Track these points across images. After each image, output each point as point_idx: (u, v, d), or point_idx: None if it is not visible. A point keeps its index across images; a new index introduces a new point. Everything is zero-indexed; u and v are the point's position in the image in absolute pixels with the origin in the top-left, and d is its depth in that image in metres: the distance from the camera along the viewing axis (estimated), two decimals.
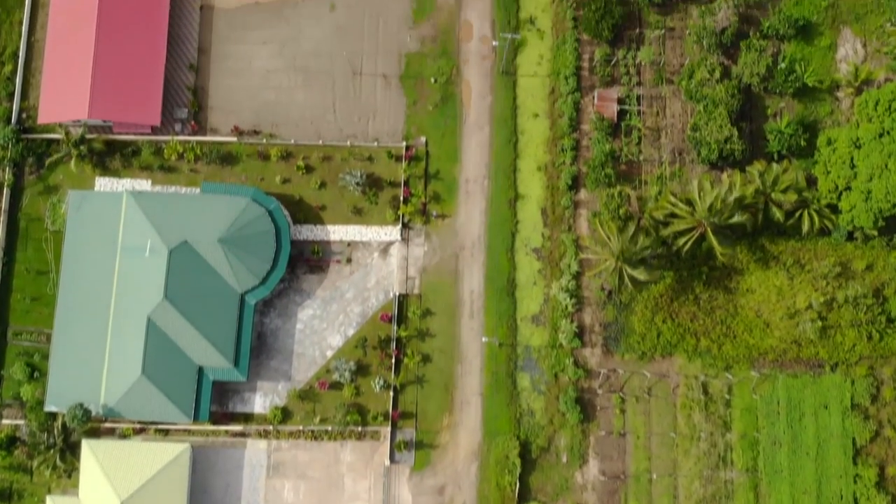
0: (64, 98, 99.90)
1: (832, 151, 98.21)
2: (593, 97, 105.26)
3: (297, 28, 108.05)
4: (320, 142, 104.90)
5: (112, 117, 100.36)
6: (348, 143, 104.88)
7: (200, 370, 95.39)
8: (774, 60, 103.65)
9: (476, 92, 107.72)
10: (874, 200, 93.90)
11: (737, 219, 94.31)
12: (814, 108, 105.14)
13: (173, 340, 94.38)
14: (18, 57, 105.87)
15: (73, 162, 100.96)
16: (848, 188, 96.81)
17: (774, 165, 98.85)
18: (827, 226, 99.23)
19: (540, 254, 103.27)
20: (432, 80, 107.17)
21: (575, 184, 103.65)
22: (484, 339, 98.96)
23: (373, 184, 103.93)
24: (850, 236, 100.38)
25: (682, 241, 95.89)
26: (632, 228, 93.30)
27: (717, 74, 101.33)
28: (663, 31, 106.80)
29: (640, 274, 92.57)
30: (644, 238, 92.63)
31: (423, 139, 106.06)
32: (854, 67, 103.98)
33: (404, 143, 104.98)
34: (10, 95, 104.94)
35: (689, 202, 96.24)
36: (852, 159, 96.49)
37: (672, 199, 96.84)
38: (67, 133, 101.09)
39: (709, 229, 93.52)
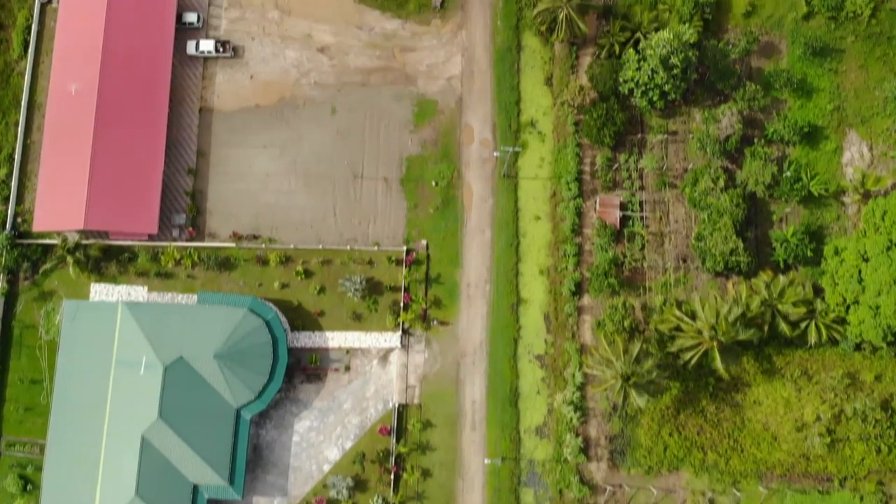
0: (59, 207, 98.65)
1: (839, 263, 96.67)
2: (595, 202, 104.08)
3: (298, 131, 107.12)
4: (320, 246, 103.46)
5: (108, 227, 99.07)
6: (348, 247, 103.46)
7: (195, 488, 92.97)
8: (780, 167, 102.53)
9: (477, 195, 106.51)
10: (883, 316, 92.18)
11: (743, 336, 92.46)
12: (820, 213, 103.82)
13: (167, 459, 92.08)
14: (14, 160, 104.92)
15: (69, 269, 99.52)
16: (856, 302, 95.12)
17: (781, 277, 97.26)
18: (835, 336, 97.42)
19: (543, 361, 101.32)
20: (433, 183, 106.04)
21: (578, 290, 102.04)
22: (487, 461, 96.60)
23: (373, 289, 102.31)
24: (858, 346, 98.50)
25: (688, 355, 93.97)
26: (637, 347, 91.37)
27: (722, 183, 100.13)
28: (665, 136, 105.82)
29: (646, 398, 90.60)
30: (650, 359, 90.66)
31: (423, 242, 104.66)
32: (861, 174, 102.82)
33: (405, 247, 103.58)
34: (6, 199, 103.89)
35: (695, 315, 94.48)
36: (860, 272, 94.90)
37: (677, 312, 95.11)
38: (63, 240, 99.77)
39: (714, 348, 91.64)
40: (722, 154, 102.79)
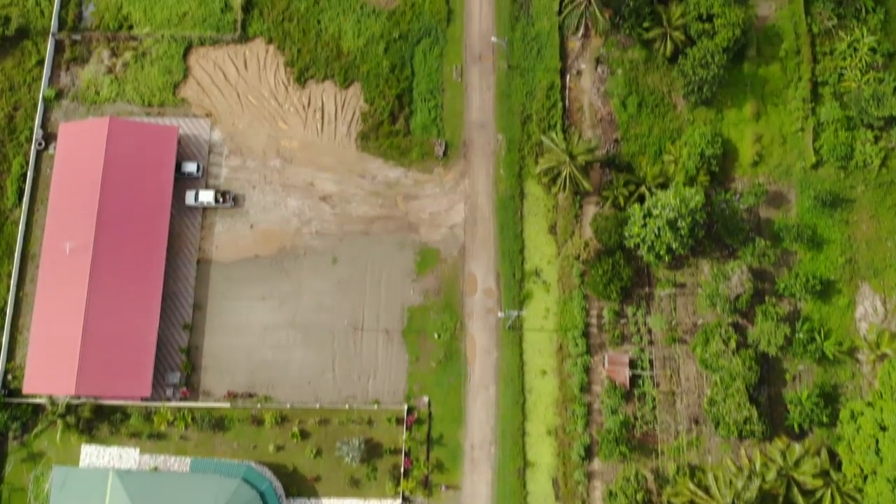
0: (50, 371, 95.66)
1: (856, 430, 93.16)
2: (604, 358, 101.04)
3: (298, 282, 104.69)
4: (317, 405, 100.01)
5: (100, 393, 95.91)
6: (347, 405, 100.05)
7: None
8: (792, 325, 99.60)
9: (481, 347, 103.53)
10: None
11: None
12: (834, 371, 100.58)
13: None
14: (6, 314, 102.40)
15: (58, 432, 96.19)
16: (874, 472, 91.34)
17: (797, 446, 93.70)
18: None
19: None
20: (435, 335, 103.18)
21: (588, 453, 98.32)
22: None
23: (372, 451, 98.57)
24: None
25: None
26: None
27: (733, 344, 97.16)
28: (674, 290, 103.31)
29: None
30: None
31: (425, 399, 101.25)
32: (875, 333, 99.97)
33: (405, 406, 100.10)
34: None
35: (709, 489, 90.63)
36: (877, 442, 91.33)
37: (691, 486, 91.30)
38: (53, 402, 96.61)
39: None
40: (733, 312, 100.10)
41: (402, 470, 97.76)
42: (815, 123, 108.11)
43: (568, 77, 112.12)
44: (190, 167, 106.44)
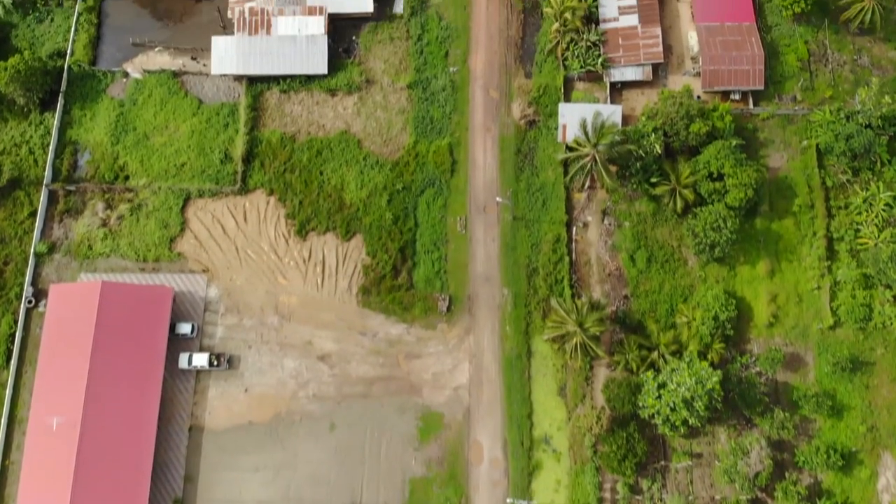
0: None
1: None
2: None
3: (293, 451, 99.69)
4: None
5: None
6: None
7: None
8: (813, 502, 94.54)
9: None
10: None
11: None
12: None
13: None
14: None
15: None
16: None
17: None
18: None
19: None
20: None
21: None
22: None
23: None
24: None
25: None
26: None
27: None
28: (691, 462, 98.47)
29: None
30: None
31: None
32: None
33: None
34: None
35: None
36: None
37: None
38: None
39: None
40: (752, 488, 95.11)
41: None
42: (831, 282, 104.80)
43: (574, 229, 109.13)
44: (185, 328, 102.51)
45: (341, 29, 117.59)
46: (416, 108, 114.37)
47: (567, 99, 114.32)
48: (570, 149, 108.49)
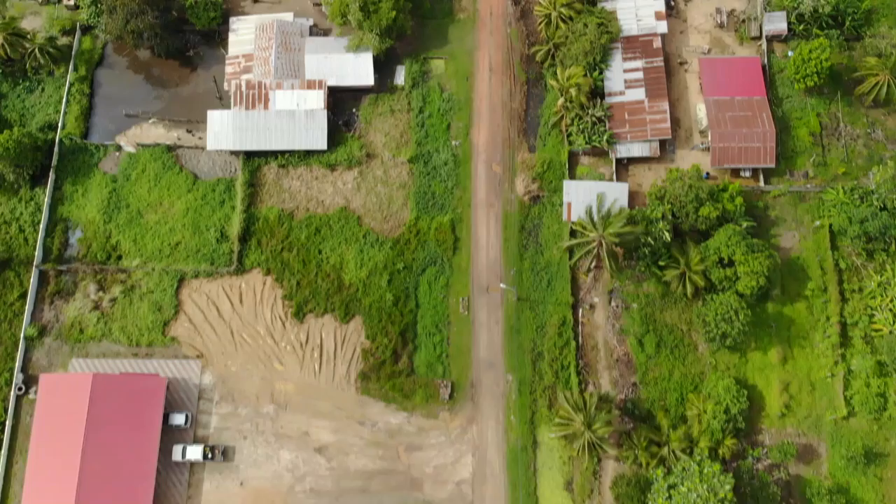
0: None
1: None
2: None
3: None
4: None
5: None
6: None
7: None
8: None
9: None
10: None
11: None
12: None
13: None
14: None
15: None
16: None
17: None
18: None
19: None
20: None
21: None
22: None
23: None
24: None
25: None
26: None
27: None
28: None
29: None
30: None
31: None
32: None
33: None
34: None
35: None
36: None
37: None
38: None
39: None
40: None
41: None
42: (845, 370, 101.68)
43: (580, 311, 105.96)
44: (178, 419, 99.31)
45: (341, 101, 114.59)
46: (418, 182, 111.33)
47: (572, 173, 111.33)
48: (573, 232, 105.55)
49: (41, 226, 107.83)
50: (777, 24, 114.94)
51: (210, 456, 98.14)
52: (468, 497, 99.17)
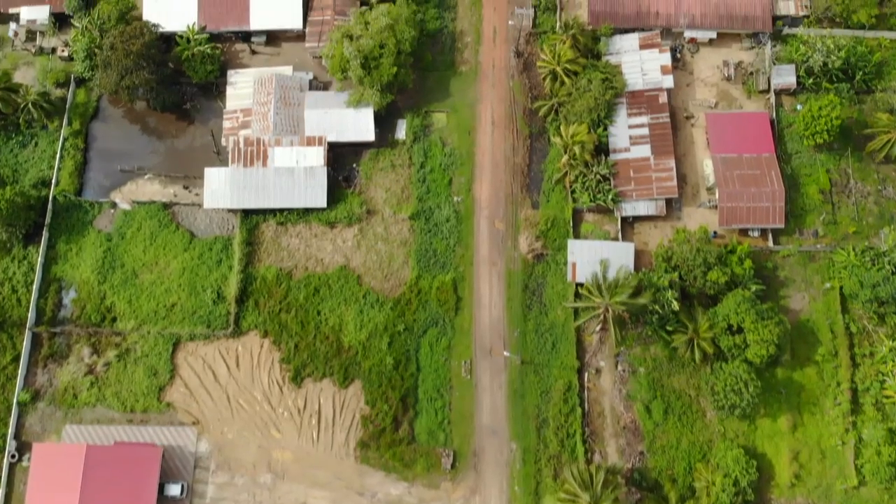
0: None
1: None
2: None
3: None
4: None
5: None
6: None
7: None
8: None
9: None
10: None
11: None
12: None
13: None
14: None
15: None
16: None
17: None
18: None
19: None
20: None
21: None
22: None
23: None
24: None
25: None
26: None
27: None
28: None
29: None
30: None
31: None
32: None
33: None
34: None
35: None
36: None
37: None
38: None
39: None
40: None
41: None
42: (856, 438, 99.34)
43: (586, 375, 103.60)
44: (174, 490, 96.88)
45: (341, 156, 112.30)
46: (419, 240, 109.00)
47: (576, 230, 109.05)
48: (578, 294, 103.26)
49: (34, 286, 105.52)
50: (786, 77, 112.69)
51: None
52: None
